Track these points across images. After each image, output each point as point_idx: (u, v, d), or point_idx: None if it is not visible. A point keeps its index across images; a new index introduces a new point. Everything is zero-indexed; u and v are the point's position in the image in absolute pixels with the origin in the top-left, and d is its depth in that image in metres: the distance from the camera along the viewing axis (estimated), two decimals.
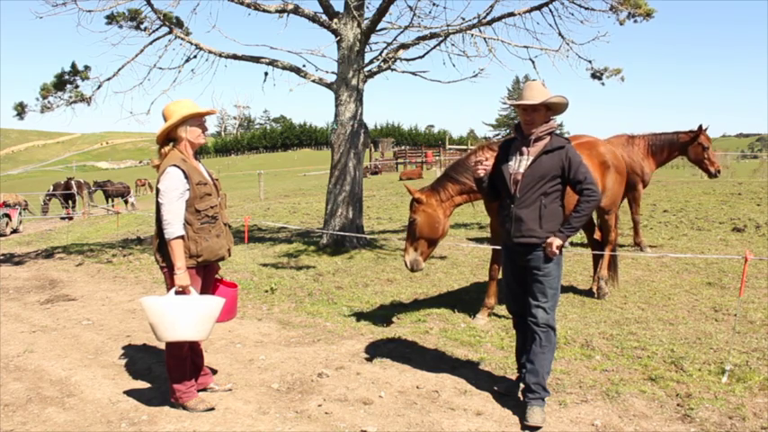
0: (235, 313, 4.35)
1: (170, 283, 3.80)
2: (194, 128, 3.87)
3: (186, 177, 3.74)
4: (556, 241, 3.72)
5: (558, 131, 3.93)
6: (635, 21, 8.74)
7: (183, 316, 3.66)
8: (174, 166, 3.73)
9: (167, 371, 3.97)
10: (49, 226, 19.66)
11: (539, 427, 3.62)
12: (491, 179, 4.08)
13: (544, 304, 3.77)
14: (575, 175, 3.75)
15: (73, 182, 24.27)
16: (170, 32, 10.10)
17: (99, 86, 10.34)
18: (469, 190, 5.26)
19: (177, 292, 3.72)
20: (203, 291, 3.93)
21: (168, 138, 3.87)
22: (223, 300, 3.91)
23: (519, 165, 3.84)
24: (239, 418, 3.84)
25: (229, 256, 4.08)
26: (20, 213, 19.36)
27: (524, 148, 3.85)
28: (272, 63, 9.95)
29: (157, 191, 3.76)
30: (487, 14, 9.37)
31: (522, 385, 4.02)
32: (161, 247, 3.82)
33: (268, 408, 3.99)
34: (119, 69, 10.29)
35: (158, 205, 3.74)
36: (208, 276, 4.04)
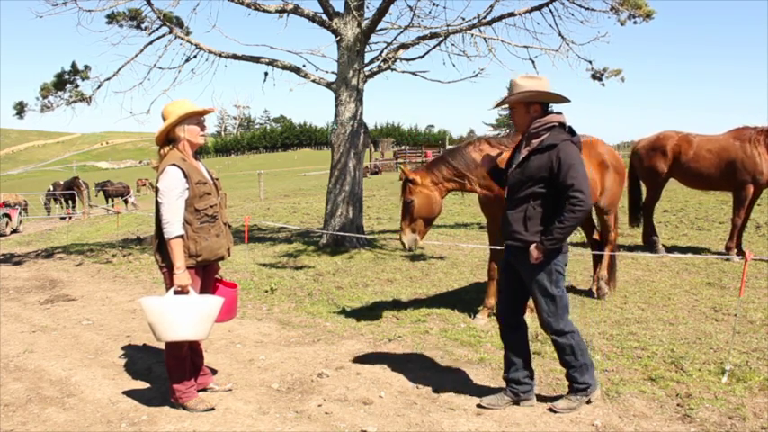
0: (235, 313, 4.35)
1: (169, 282, 3.79)
2: (193, 127, 3.86)
3: (185, 176, 3.73)
4: (534, 252, 3.52)
5: (559, 125, 3.62)
6: (635, 22, 8.74)
7: (181, 316, 3.65)
8: (173, 165, 3.72)
9: (167, 371, 3.96)
10: (49, 226, 19.66)
11: (556, 411, 3.74)
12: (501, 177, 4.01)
13: (543, 311, 3.66)
14: (563, 178, 3.44)
15: (81, 180, 24.36)
16: (170, 32, 10.10)
17: (99, 86, 10.36)
18: (461, 176, 5.23)
19: (176, 292, 3.71)
20: (203, 291, 3.93)
21: (168, 138, 3.87)
22: (222, 299, 3.90)
23: (513, 164, 3.71)
24: (239, 418, 3.83)
25: (229, 255, 4.08)
26: (20, 213, 19.37)
27: (522, 146, 3.70)
28: (272, 63, 9.95)
29: (157, 190, 3.76)
30: (487, 14, 9.38)
31: (507, 397, 3.89)
32: (160, 246, 3.81)
33: (268, 408, 3.99)
34: (119, 69, 10.30)
35: (158, 204, 3.74)
36: (207, 276, 4.03)
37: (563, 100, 3.68)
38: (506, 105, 3.76)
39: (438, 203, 5.13)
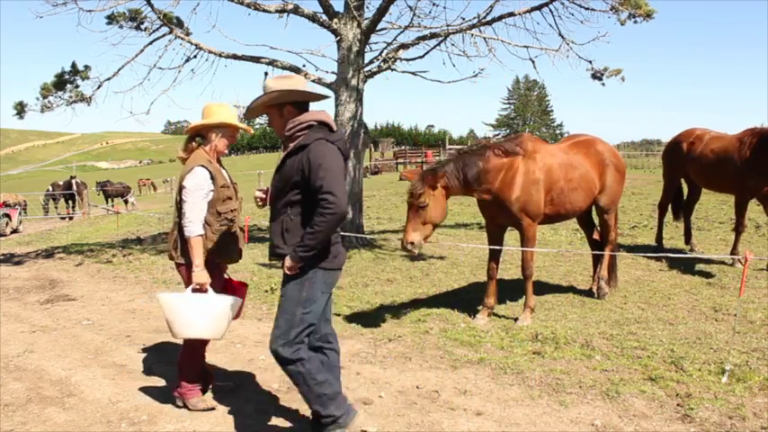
0: (240, 314, 4.35)
1: (187, 280, 3.82)
2: (225, 138, 3.94)
3: (212, 178, 3.80)
4: (287, 261, 3.19)
5: (318, 123, 3.27)
6: (635, 21, 8.72)
7: (199, 314, 3.67)
8: (202, 166, 3.78)
9: (179, 366, 3.98)
10: (49, 226, 19.67)
11: None
12: None
13: (276, 328, 3.29)
14: (313, 180, 3.10)
15: (74, 181, 24.36)
16: (170, 32, 10.10)
17: (99, 86, 10.36)
18: (470, 188, 5.33)
19: (194, 290, 3.73)
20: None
21: (198, 134, 3.92)
22: (240, 300, 3.93)
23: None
24: (239, 418, 3.84)
25: (240, 258, 4.13)
26: (20, 213, 19.39)
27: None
28: (272, 63, 9.95)
29: (182, 188, 3.78)
30: (487, 14, 9.38)
31: None
32: (180, 244, 3.83)
33: (268, 408, 3.99)
34: (119, 69, 10.30)
35: (181, 202, 3.77)
36: (215, 276, 4.05)
37: (315, 97, 3.40)
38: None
39: (445, 209, 5.26)
